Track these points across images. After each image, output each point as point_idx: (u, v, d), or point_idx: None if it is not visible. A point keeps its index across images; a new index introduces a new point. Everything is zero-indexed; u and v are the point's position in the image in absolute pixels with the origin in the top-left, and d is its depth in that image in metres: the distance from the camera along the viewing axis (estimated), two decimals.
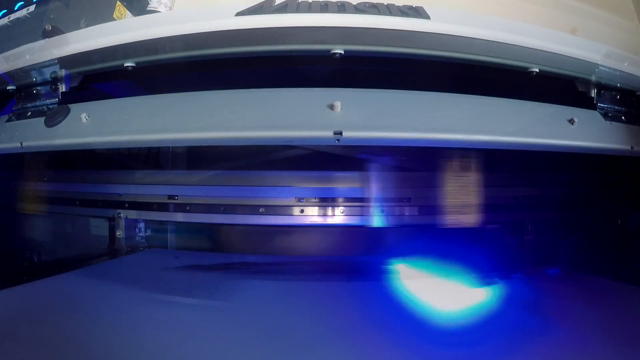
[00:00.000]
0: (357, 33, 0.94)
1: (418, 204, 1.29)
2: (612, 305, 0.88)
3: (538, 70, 1.00)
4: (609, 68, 1.04)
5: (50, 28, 1.06)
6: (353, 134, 0.87)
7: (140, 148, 1.50)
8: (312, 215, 1.29)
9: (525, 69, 1.00)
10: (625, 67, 1.05)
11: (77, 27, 1.16)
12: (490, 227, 1.19)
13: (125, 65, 0.99)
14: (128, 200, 1.34)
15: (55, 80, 1.05)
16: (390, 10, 0.96)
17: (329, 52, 0.94)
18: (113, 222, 1.34)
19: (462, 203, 1.16)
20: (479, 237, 1.18)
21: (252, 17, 0.94)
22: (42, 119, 1.01)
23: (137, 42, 0.98)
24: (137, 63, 1.00)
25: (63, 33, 1.07)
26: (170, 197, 1.32)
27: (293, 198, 1.29)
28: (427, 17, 0.95)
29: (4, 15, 1.22)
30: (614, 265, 1.12)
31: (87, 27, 1.13)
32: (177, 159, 1.49)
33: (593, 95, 1.06)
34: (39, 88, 1.08)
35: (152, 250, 1.37)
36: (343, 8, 0.96)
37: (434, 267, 1.12)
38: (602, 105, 1.06)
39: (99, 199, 1.37)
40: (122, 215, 1.33)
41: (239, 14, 0.95)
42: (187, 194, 1.32)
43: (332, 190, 1.30)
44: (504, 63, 1.00)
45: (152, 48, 0.99)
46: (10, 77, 1.08)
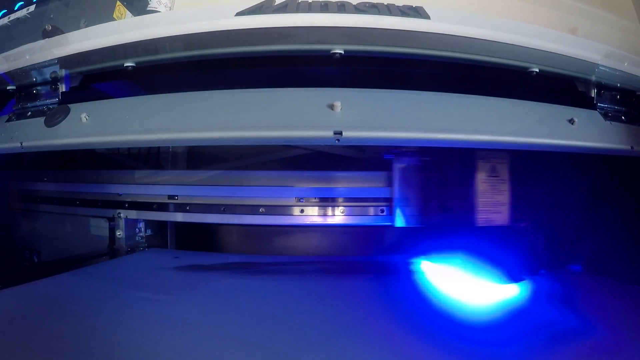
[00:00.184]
0: (357, 33, 0.94)
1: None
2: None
3: (538, 70, 1.00)
4: (609, 68, 1.04)
5: (50, 28, 1.06)
6: (353, 134, 0.87)
7: (140, 148, 1.51)
8: (312, 215, 1.29)
9: (525, 69, 1.00)
10: (625, 67, 1.05)
11: (77, 27, 1.15)
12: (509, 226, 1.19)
13: (125, 65, 0.99)
14: (128, 200, 1.34)
15: (55, 80, 1.05)
16: (390, 10, 0.96)
17: (329, 52, 0.94)
18: (113, 222, 1.34)
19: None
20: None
21: (252, 17, 0.94)
22: (42, 119, 1.01)
23: (137, 42, 0.98)
24: (137, 63, 1.00)
25: (63, 33, 1.07)
26: (170, 197, 1.32)
27: (293, 198, 1.29)
28: (427, 17, 0.95)
29: (4, 15, 1.22)
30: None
31: (87, 27, 1.13)
32: (177, 159, 1.49)
33: (593, 95, 1.06)
34: (39, 88, 1.08)
35: (152, 250, 1.37)
36: (343, 8, 0.96)
37: (439, 264, 1.14)
38: (602, 105, 1.06)
39: (99, 199, 1.37)
40: (122, 215, 1.33)
41: (239, 14, 0.95)
42: (187, 194, 1.32)
43: (332, 190, 1.30)
44: (504, 63, 1.00)
45: (152, 48, 1.00)
46: (10, 77, 1.08)
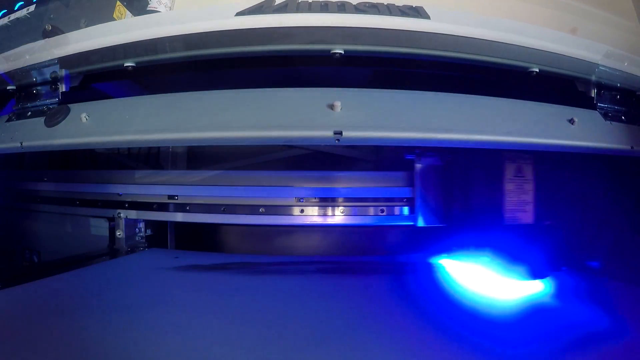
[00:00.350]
0: (357, 33, 0.94)
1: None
2: None
3: (538, 70, 1.00)
4: (609, 68, 1.04)
5: (50, 28, 1.06)
6: (353, 134, 0.87)
7: (140, 148, 1.51)
8: (312, 215, 1.29)
9: (525, 69, 1.00)
10: (625, 67, 1.05)
11: (77, 27, 1.15)
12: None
13: (125, 65, 0.99)
14: (128, 200, 1.34)
15: (55, 80, 1.05)
16: (390, 10, 0.96)
17: (329, 52, 0.94)
18: (113, 222, 1.34)
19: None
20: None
21: (252, 17, 0.94)
22: (42, 119, 1.01)
23: (137, 42, 0.98)
24: (137, 63, 1.00)
25: (63, 33, 1.07)
26: (170, 197, 1.32)
27: (293, 198, 1.29)
28: (427, 17, 0.95)
29: (4, 15, 1.22)
30: None
31: (87, 27, 1.13)
32: (177, 159, 1.50)
33: (593, 95, 1.06)
34: (39, 88, 1.08)
35: (152, 250, 1.37)
36: (343, 8, 0.96)
37: (459, 261, 1.16)
38: (602, 105, 1.06)
39: (99, 199, 1.37)
40: (122, 215, 1.33)
41: (239, 14, 0.95)
42: (187, 194, 1.32)
43: (332, 190, 1.30)
44: (504, 63, 1.00)
45: (152, 48, 1.00)
46: (10, 77, 1.08)
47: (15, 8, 1.22)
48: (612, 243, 1.16)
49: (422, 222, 1.30)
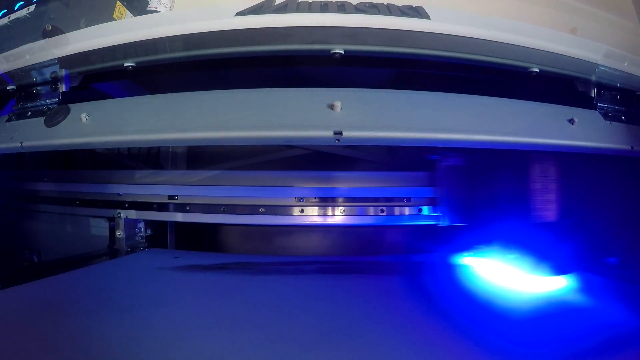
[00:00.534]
0: (357, 33, 0.95)
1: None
2: None
3: (538, 70, 1.00)
4: (609, 68, 1.04)
5: (50, 28, 1.06)
6: (353, 134, 0.87)
7: (140, 148, 1.51)
8: (312, 215, 1.29)
9: (525, 69, 1.00)
10: (625, 67, 1.05)
11: (77, 27, 1.15)
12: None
13: (125, 65, 1.00)
14: (128, 200, 1.34)
15: (55, 80, 1.05)
16: (390, 10, 0.96)
17: (329, 52, 0.94)
18: (113, 222, 1.34)
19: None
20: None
21: (252, 17, 0.94)
22: (42, 119, 1.01)
23: (137, 42, 0.98)
24: (137, 63, 1.00)
25: (63, 33, 1.07)
26: (170, 197, 1.32)
27: (293, 198, 1.29)
28: (427, 17, 0.95)
29: (4, 15, 1.22)
30: None
31: (87, 27, 1.13)
32: (177, 159, 1.49)
33: (593, 95, 1.06)
34: (39, 88, 1.08)
35: (152, 250, 1.37)
36: (343, 8, 0.96)
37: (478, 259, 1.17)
38: (602, 105, 1.06)
39: (99, 199, 1.37)
40: (122, 215, 1.33)
41: (239, 14, 0.95)
42: (187, 194, 1.32)
43: (332, 190, 1.30)
44: (504, 63, 1.00)
45: (152, 48, 1.00)
46: (10, 77, 1.08)
47: (15, 8, 1.22)
48: (630, 241, 1.17)
49: (446, 221, 1.30)
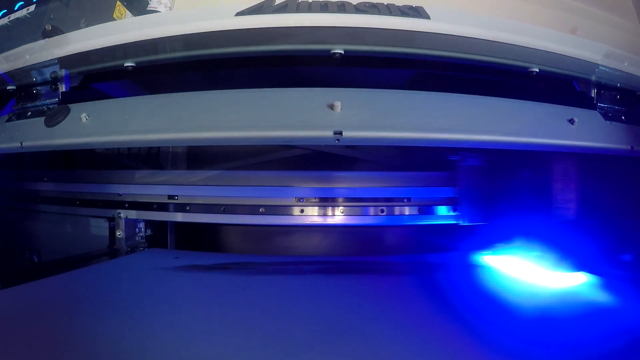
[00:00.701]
0: (357, 33, 0.95)
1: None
2: None
3: (538, 70, 1.00)
4: (609, 68, 1.04)
5: (50, 28, 1.06)
6: (353, 134, 0.87)
7: (140, 148, 1.51)
8: (312, 215, 1.29)
9: (525, 69, 1.00)
10: (625, 67, 1.05)
11: (77, 27, 1.15)
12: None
13: (125, 65, 1.00)
14: (128, 200, 1.34)
15: (55, 80, 1.05)
16: (390, 10, 0.96)
17: (329, 52, 0.94)
18: (113, 222, 1.34)
19: None
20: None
21: (252, 17, 0.94)
22: (42, 119, 1.01)
23: (137, 42, 0.98)
24: (137, 63, 1.00)
25: (63, 33, 1.07)
26: (170, 197, 1.32)
27: (293, 198, 1.29)
28: (427, 17, 0.95)
29: (4, 15, 1.22)
30: None
31: (87, 27, 1.13)
32: (177, 159, 1.49)
33: (593, 95, 1.06)
34: (39, 88, 1.08)
35: (152, 250, 1.37)
36: (343, 8, 0.96)
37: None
38: (602, 105, 1.06)
39: (99, 199, 1.37)
40: (122, 215, 1.33)
41: (239, 14, 0.95)
42: (187, 194, 1.32)
43: (332, 190, 1.30)
44: (504, 63, 1.00)
45: (152, 48, 1.00)
46: (10, 77, 1.08)
47: (15, 8, 1.22)
48: None
49: (466, 220, 1.31)
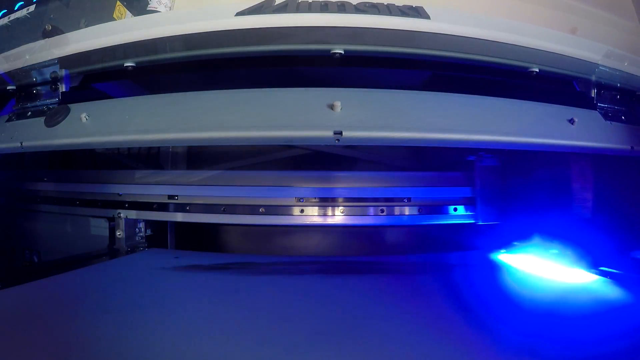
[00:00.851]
0: (357, 33, 0.95)
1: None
2: None
3: (538, 70, 1.00)
4: (609, 68, 1.04)
5: (50, 28, 1.06)
6: (353, 134, 0.87)
7: (140, 148, 1.51)
8: (312, 215, 1.29)
9: (525, 69, 1.00)
10: (625, 67, 1.05)
11: (77, 27, 1.15)
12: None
13: (125, 65, 0.99)
14: (128, 200, 1.34)
15: (55, 80, 1.05)
16: (390, 10, 0.96)
17: (329, 52, 0.94)
18: (113, 222, 1.34)
19: None
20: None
21: (252, 17, 0.94)
22: (42, 119, 1.01)
23: (137, 42, 0.98)
24: (137, 63, 1.00)
25: (63, 33, 1.07)
26: (170, 197, 1.32)
27: (293, 198, 1.29)
28: (427, 17, 0.95)
29: (4, 15, 1.22)
30: None
31: (87, 27, 1.13)
32: (177, 159, 1.50)
33: (593, 95, 1.06)
34: (39, 88, 1.08)
35: (152, 250, 1.37)
36: (343, 8, 0.96)
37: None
38: (602, 105, 1.06)
39: (99, 199, 1.37)
40: (122, 215, 1.33)
41: (239, 14, 0.95)
42: (187, 194, 1.32)
43: (332, 190, 1.30)
44: (504, 63, 1.00)
45: (152, 48, 1.00)
46: (10, 77, 1.08)
47: (15, 8, 1.22)
48: None
49: (482, 219, 1.33)
